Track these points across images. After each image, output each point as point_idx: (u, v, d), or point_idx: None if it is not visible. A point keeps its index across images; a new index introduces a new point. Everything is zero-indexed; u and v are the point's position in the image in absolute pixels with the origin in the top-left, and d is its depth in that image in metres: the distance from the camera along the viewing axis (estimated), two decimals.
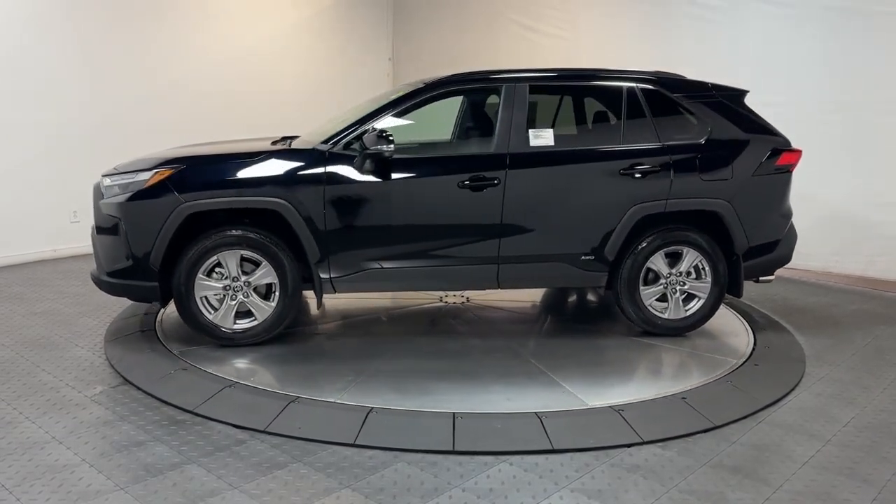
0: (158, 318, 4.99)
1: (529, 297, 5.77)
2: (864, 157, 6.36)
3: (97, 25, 7.15)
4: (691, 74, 4.93)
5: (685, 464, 3.18)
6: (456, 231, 4.46)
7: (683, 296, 4.70)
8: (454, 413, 3.52)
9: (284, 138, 5.05)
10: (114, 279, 4.38)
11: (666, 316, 4.70)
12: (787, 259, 4.90)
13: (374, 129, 4.25)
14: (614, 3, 7.89)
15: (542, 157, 4.48)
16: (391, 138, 4.18)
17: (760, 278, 4.87)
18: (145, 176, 4.28)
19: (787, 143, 4.73)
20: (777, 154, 4.66)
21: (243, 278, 4.35)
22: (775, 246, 4.78)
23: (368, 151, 4.23)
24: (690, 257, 4.62)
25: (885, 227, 6.33)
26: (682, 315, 4.71)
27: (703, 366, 4.31)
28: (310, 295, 4.73)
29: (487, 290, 5.38)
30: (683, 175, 4.52)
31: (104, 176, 4.52)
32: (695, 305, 4.71)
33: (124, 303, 5.42)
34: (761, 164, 4.62)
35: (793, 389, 4.05)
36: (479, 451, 3.26)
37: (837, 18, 6.33)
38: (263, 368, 4.18)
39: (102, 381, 4.01)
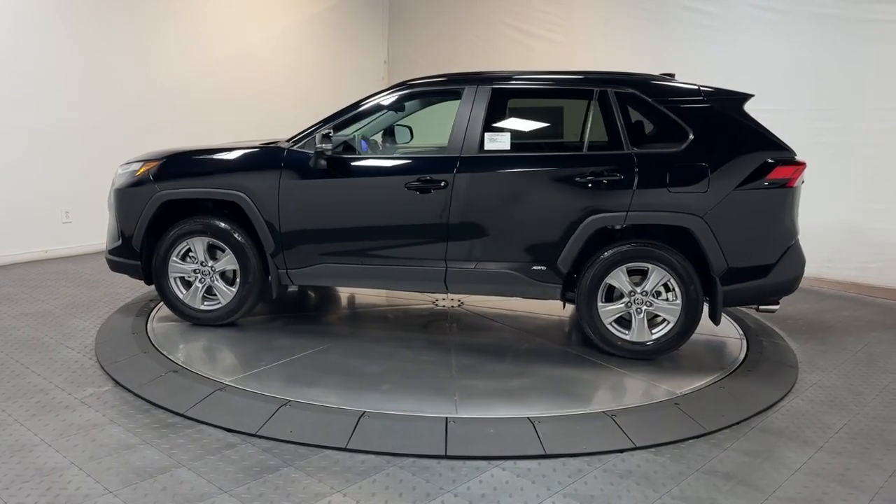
0: (149, 320, 4.96)
1: (554, 309, 5.31)
2: (856, 164, 6.38)
3: (92, 26, 7.12)
4: (687, 79, 4.85)
5: (678, 469, 3.18)
6: (404, 232, 4.47)
7: (653, 317, 4.31)
8: (447, 417, 3.50)
9: None
10: (111, 256, 4.97)
11: (628, 337, 4.33)
12: (787, 288, 4.34)
13: (324, 130, 4.42)
14: (609, 7, 7.91)
15: (494, 162, 4.35)
16: (332, 137, 4.38)
17: (761, 307, 4.38)
18: (137, 167, 4.84)
19: (788, 154, 4.21)
20: (770, 167, 4.16)
21: (210, 264, 4.72)
22: (767, 271, 4.22)
23: (316, 150, 4.43)
24: (657, 276, 4.23)
25: (877, 233, 6.36)
26: (647, 338, 4.31)
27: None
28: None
29: (489, 297, 5.33)
30: (648, 186, 4.17)
31: (120, 165, 5.03)
32: (663, 329, 4.31)
33: (115, 304, 5.40)
34: (749, 176, 4.13)
35: (785, 395, 4.06)
36: (472, 455, 3.25)
37: (831, 25, 6.36)
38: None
39: (92, 383, 3.99)
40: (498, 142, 4.37)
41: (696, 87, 4.39)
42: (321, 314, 5.52)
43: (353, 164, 4.56)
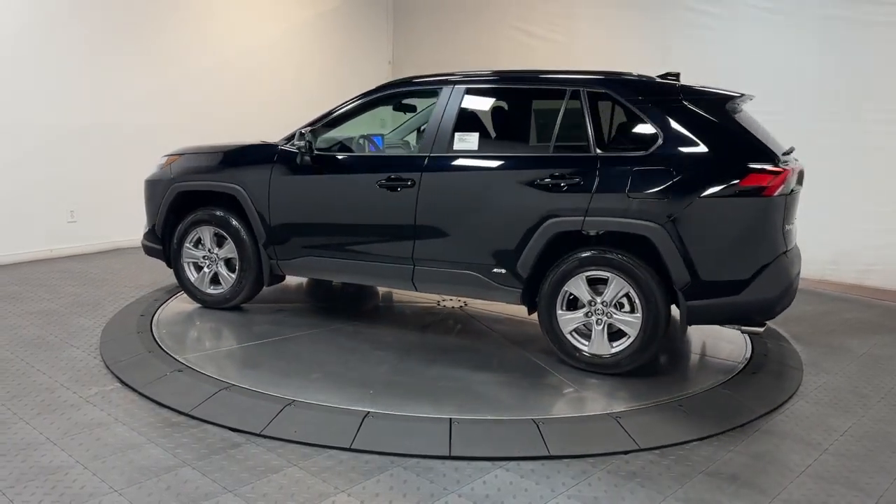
0: (154, 319, 4.97)
1: None
2: (860, 165, 6.37)
3: (98, 26, 7.14)
4: (687, 80, 4.63)
5: (682, 471, 3.17)
6: (376, 229, 4.58)
7: (618, 330, 4.07)
8: (451, 418, 3.50)
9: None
10: (143, 240, 5.46)
11: (586, 349, 4.12)
12: (767, 308, 3.91)
13: (303, 129, 4.69)
14: (611, 8, 7.91)
15: (459, 162, 4.34)
16: (307, 136, 4.64)
17: (743, 328, 4.02)
18: (164, 160, 5.34)
19: (767, 159, 3.81)
20: (742, 173, 3.77)
21: (216, 251, 5.12)
22: (740, 288, 3.82)
23: (296, 147, 4.72)
24: (616, 285, 3.99)
25: (881, 235, 6.34)
26: (606, 351, 4.07)
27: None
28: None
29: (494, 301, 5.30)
30: (607, 190, 3.94)
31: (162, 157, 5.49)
32: (623, 343, 4.05)
33: (120, 304, 5.42)
34: (718, 183, 3.78)
35: (790, 398, 4.05)
36: (476, 456, 3.24)
37: (835, 27, 6.35)
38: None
39: (97, 382, 3.99)
40: (466, 142, 4.36)
41: (674, 86, 4.14)
42: (324, 306, 5.65)
43: (332, 161, 4.76)
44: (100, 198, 7.29)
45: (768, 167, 3.79)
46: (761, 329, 4.00)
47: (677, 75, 4.42)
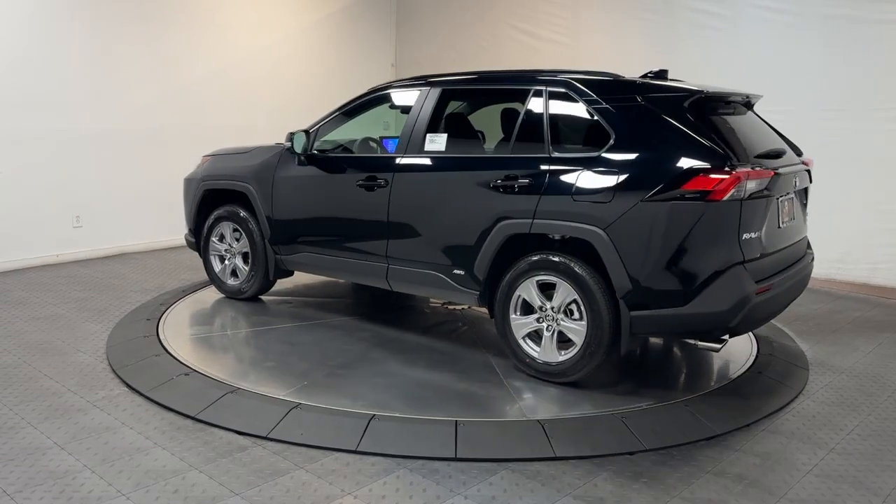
0: (160, 324, 4.99)
1: None
2: (866, 164, 6.35)
3: (103, 32, 7.16)
4: (689, 80, 4.49)
5: (688, 472, 3.17)
6: (356, 227, 4.75)
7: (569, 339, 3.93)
8: (456, 420, 3.50)
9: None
10: (186, 235, 5.92)
11: (536, 355, 4.01)
12: (718, 322, 3.57)
13: (295, 130, 4.92)
14: (615, 8, 7.91)
15: (427, 163, 4.42)
16: (297, 137, 4.89)
17: (699, 343, 3.74)
18: (200, 160, 5.79)
19: (716, 162, 3.51)
20: (687, 176, 3.51)
21: (234, 246, 5.50)
22: (685, 299, 3.56)
23: (288, 147, 5.01)
24: (564, 291, 3.86)
25: (888, 234, 6.32)
26: (555, 359, 3.94)
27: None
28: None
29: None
30: (554, 193, 3.84)
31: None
32: (570, 351, 3.90)
33: (126, 308, 5.44)
34: (662, 186, 3.54)
35: (796, 397, 4.04)
36: (482, 458, 3.25)
37: (839, 26, 6.33)
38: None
39: (104, 386, 4.01)
40: (436, 143, 4.43)
41: (633, 84, 3.95)
42: (338, 302, 5.75)
43: (323, 162, 4.96)
44: (105, 203, 7.32)
45: (719, 170, 3.49)
46: (719, 346, 3.73)
47: (664, 72, 4.27)
